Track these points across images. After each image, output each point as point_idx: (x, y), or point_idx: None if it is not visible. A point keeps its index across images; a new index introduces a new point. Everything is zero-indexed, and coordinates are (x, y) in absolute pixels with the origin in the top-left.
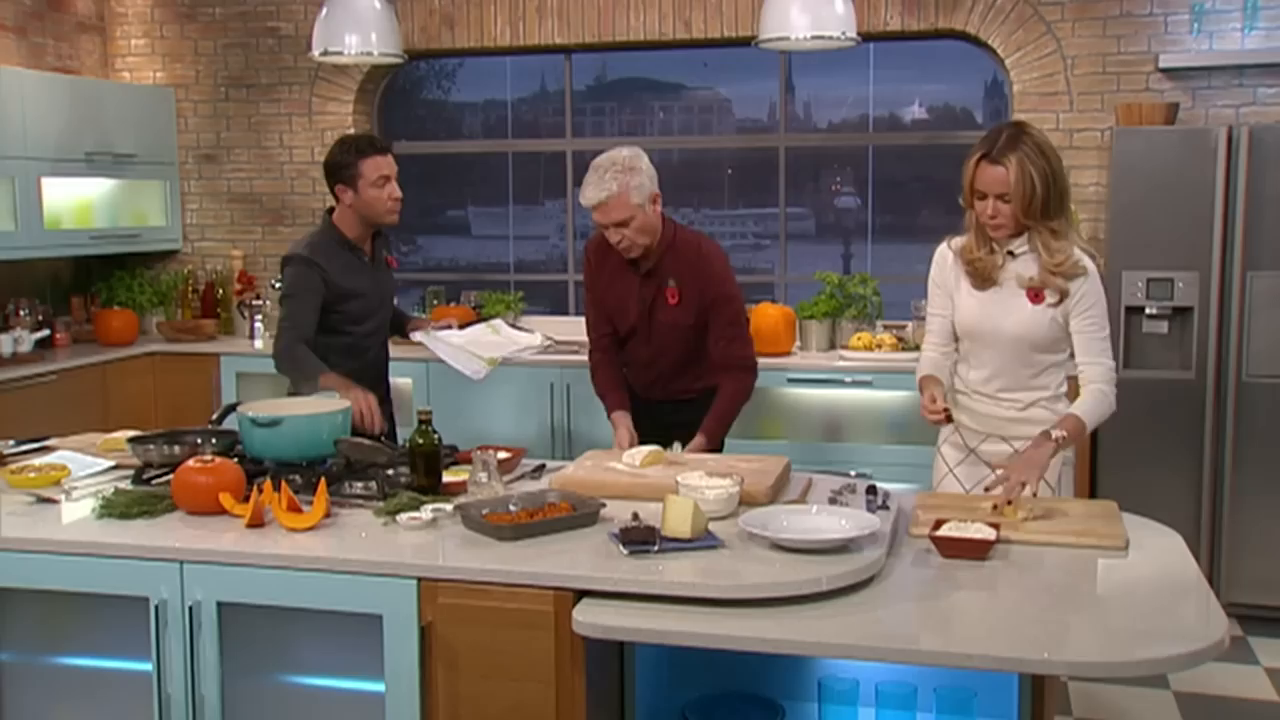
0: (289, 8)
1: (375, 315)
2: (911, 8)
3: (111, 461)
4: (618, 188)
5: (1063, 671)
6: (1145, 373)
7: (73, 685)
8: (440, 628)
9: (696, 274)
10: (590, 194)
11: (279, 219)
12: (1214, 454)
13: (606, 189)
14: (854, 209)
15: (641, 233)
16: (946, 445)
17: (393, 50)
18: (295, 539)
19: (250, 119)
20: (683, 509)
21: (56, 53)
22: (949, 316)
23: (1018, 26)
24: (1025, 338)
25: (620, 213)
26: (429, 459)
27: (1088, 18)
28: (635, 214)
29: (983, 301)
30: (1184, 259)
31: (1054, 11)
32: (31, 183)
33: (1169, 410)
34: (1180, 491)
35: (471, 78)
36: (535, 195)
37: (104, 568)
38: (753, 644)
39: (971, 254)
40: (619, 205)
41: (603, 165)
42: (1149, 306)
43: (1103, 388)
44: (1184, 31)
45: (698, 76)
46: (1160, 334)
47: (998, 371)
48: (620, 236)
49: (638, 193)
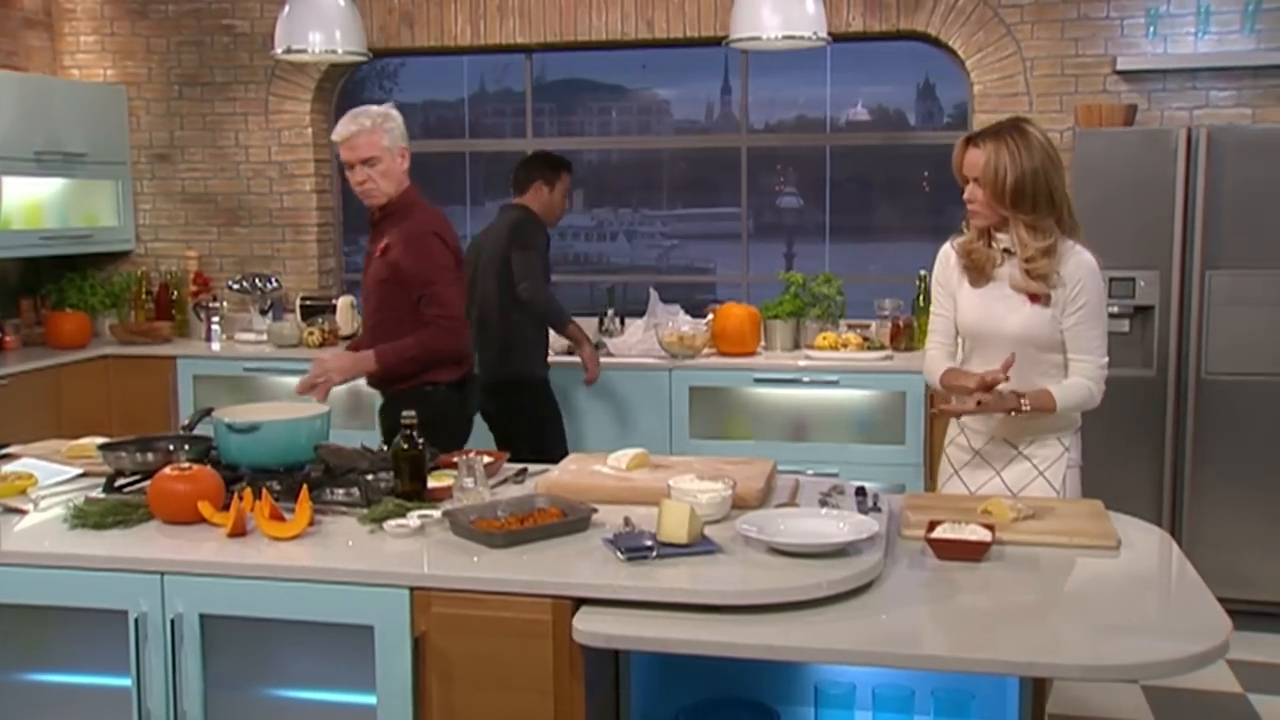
0: (244, 5)
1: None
2: (873, 9)
3: (79, 469)
4: (370, 124)
5: (1075, 676)
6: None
7: (48, 702)
8: (434, 638)
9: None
10: (343, 128)
11: (235, 219)
12: (1174, 450)
13: (359, 123)
14: (797, 208)
15: (385, 177)
16: (953, 446)
17: (357, 48)
18: (280, 548)
19: (205, 118)
20: (679, 514)
21: (3, 49)
22: (951, 316)
23: (978, 28)
24: (1026, 337)
25: (369, 149)
26: (414, 464)
27: (1046, 20)
28: (383, 155)
29: (984, 300)
30: (1144, 258)
31: (1014, 14)
32: None
33: (1131, 407)
34: (1142, 487)
35: (412, 78)
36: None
37: (80, 580)
38: (757, 651)
39: (970, 245)
40: (369, 142)
41: (362, 109)
42: (1110, 305)
43: (1086, 382)
44: (1140, 35)
45: (637, 78)
46: (1122, 332)
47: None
48: (365, 176)
49: (388, 136)
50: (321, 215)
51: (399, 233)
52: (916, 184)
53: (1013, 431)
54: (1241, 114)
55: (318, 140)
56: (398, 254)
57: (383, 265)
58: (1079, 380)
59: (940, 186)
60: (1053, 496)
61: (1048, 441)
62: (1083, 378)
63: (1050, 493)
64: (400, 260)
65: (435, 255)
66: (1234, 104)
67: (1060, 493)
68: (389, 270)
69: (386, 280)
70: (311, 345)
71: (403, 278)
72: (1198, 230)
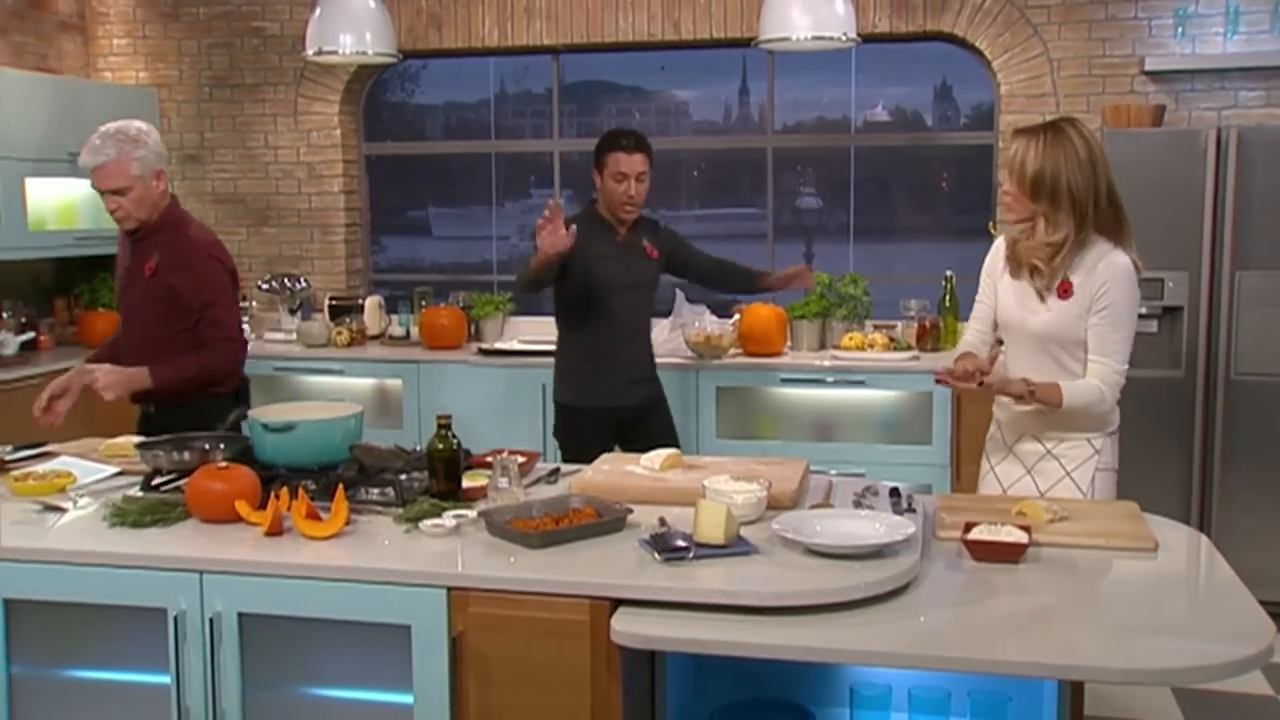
0: (274, 7)
1: (623, 291)
2: (900, 10)
3: (116, 467)
4: (116, 154)
5: (1119, 680)
6: (1135, 371)
7: (87, 699)
8: (472, 638)
9: (172, 256)
10: (86, 158)
11: (264, 220)
12: (1203, 451)
13: (105, 154)
14: (816, 209)
15: (138, 204)
16: (990, 441)
17: (387, 50)
18: (316, 547)
19: (234, 119)
20: (716, 515)
21: (37, 52)
22: (991, 304)
23: (1005, 29)
24: (1049, 334)
25: (118, 179)
26: (449, 464)
27: (1074, 20)
28: (134, 184)
29: (1017, 292)
30: (1173, 259)
31: (1040, 14)
32: (15, 184)
33: (1159, 408)
34: (1170, 488)
35: (435, 79)
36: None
37: (119, 578)
38: (795, 653)
39: (1015, 238)
40: (118, 172)
41: (108, 132)
42: (1139, 306)
43: (1098, 384)
44: (1168, 35)
45: (656, 80)
46: (1150, 333)
47: (1027, 368)
48: (116, 205)
49: (139, 164)
50: (349, 216)
51: (171, 253)
52: (937, 185)
53: (1039, 428)
54: (1271, 114)
55: (346, 141)
56: (174, 275)
57: (155, 284)
58: (1091, 381)
59: (961, 187)
60: (1079, 498)
61: (1077, 443)
62: (1096, 380)
63: (1076, 494)
64: (177, 282)
65: (212, 277)
66: (1263, 104)
67: (1087, 495)
68: (163, 290)
69: (160, 299)
70: (340, 345)
71: (179, 298)
72: (1227, 231)
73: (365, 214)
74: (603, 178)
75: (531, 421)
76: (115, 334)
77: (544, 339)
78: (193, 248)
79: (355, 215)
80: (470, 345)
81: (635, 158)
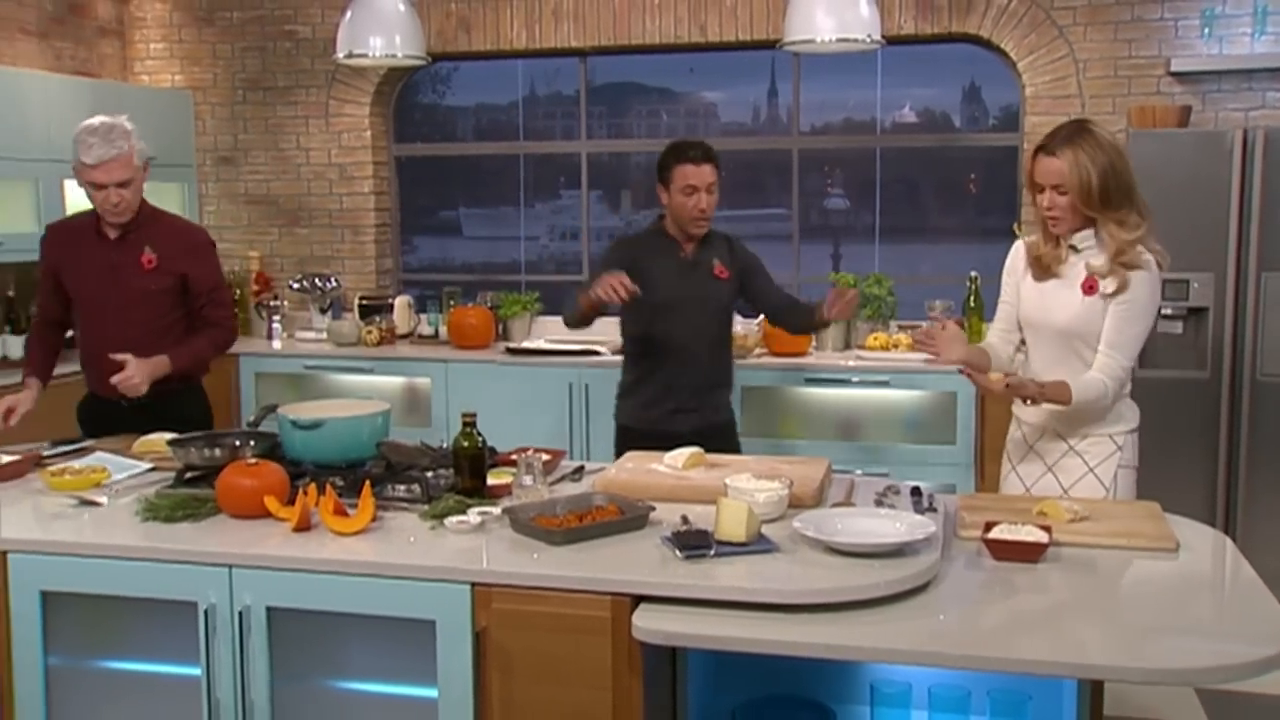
0: (306, 11)
1: (683, 313)
2: (925, 12)
3: (149, 464)
4: (127, 147)
5: (1134, 679)
6: (1160, 372)
7: (121, 689)
8: (495, 633)
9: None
10: (101, 151)
11: (295, 220)
12: (1228, 453)
13: (118, 147)
14: (843, 210)
15: (136, 194)
16: (1010, 442)
17: (416, 52)
18: (344, 543)
19: (267, 121)
20: (737, 513)
21: (76, 56)
22: (1014, 305)
23: (1030, 30)
24: (1073, 330)
25: (124, 172)
26: (474, 461)
27: (1099, 22)
28: (135, 175)
29: (1040, 291)
30: (1199, 260)
31: (1066, 16)
32: (55, 185)
33: (1184, 409)
34: (1195, 489)
35: (465, 81)
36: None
37: (152, 572)
38: (815, 650)
39: (1038, 249)
40: (126, 165)
41: (107, 126)
42: (1164, 307)
43: (1104, 379)
44: (1194, 36)
45: (685, 81)
46: (1175, 334)
47: (1051, 364)
48: (119, 198)
49: (139, 155)
50: (379, 216)
51: (173, 243)
52: (964, 186)
53: (1063, 425)
54: None
55: (376, 143)
56: (183, 264)
57: (160, 275)
58: (1094, 375)
59: (988, 189)
60: (1101, 494)
61: (1100, 439)
62: (1100, 373)
63: (1099, 490)
64: (189, 269)
65: (215, 261)
66: None
67: (1110, 491)
68: (171, 279)
69: (167, 289)
70: (370, 344)
71: (188, 285)
72: (1253, 232)
73: (395, 214)
74: (670, 192)
75: (558, 420)
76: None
77: (571, 339)
78: (195, 236)
79: (385, 216)
80: (498, 344)
81: (704, 169)
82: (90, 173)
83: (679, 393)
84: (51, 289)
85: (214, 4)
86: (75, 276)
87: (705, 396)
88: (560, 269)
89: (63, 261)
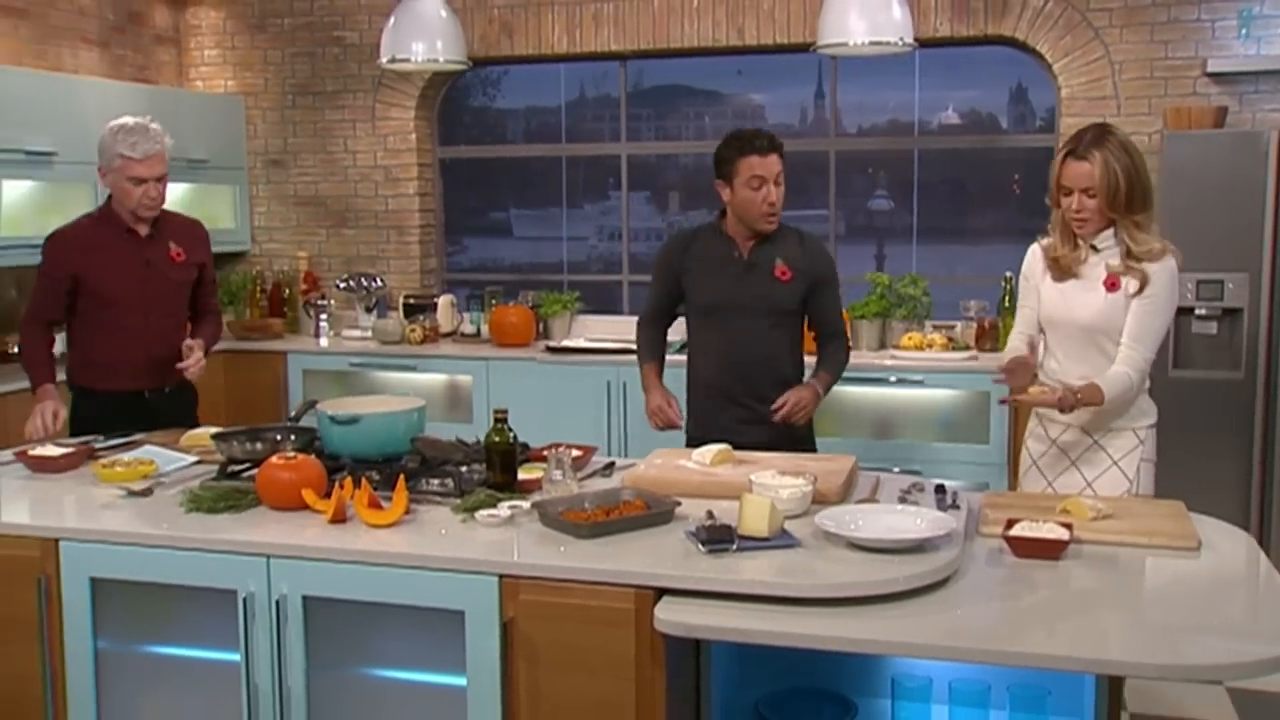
0: (354, 18)
1: (731, 318)
2: (961, 15)
3: (195, 457)
4: (167, 142)
5: (1151, 675)
6: (1195, 373)
7: (166, 673)
8: (521, 624)
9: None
10: (146, 146)
11: (343, 221)
12: (1263, 452)
13: (160, 143)
14: (887, 210)
15: (165, 191)
16: (1031, 439)
17: (458, 57)
18: (377, 535)
19: (316, 125)
20: (760, 508)
21: (136, 64)
22: (1034, 308)
23: (1066, 32)
24: (1097, 326)
25: (164, 167)
26: (505, 457)
27: (1135, 23)
28: (167, 170)
29: (1062, 291)
30: (1234, 261)
31: (1102, 18)
32: None
33: (1219, 409)
34: (1229, 490)
35: (515, 84)
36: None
37: (194, 561)
38: (834, 643)
39: (1056, 251)
40: (164, 160)
41: (144, 125)
42: (1199, 308)
43: (1128, 371)
44: (1231, 36)
45: (733, 83)
46: (1210, 334)
47: (1074, 361)
48: (158, 192)
49: (168, 151)
50: (424, 217)
51: (189, 236)
52: (1007, 187)
53: (1089, 422)
54: None
55: (420, 145)
56: (201, 255)
57: (186, 268)
58: (1120, 371)
59: (1031, 189)
60: (1126, 488)
61: (1123, 433)
62: (1124, 365)
63: (1124, 483)
64: (205, 260)
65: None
66: None
67: (1134, 484)
68: (193, 271)
69: (188, 281)
70: (413, 342)
71: (201, 275)
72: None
73: (439, 215)
74: (733, 187)
75: (596, 417)
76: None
77: (610, 337)
78: (200, 228)
79: (429, 216)
80: (538, 343)
81: (770, 159)
82: (135, 167)
83: (721, 400)
84: (61, 295)
85: (266, 11)
86: (107, 276)
87: (751, 408)
88: (607, 269)
89: (87, 265)
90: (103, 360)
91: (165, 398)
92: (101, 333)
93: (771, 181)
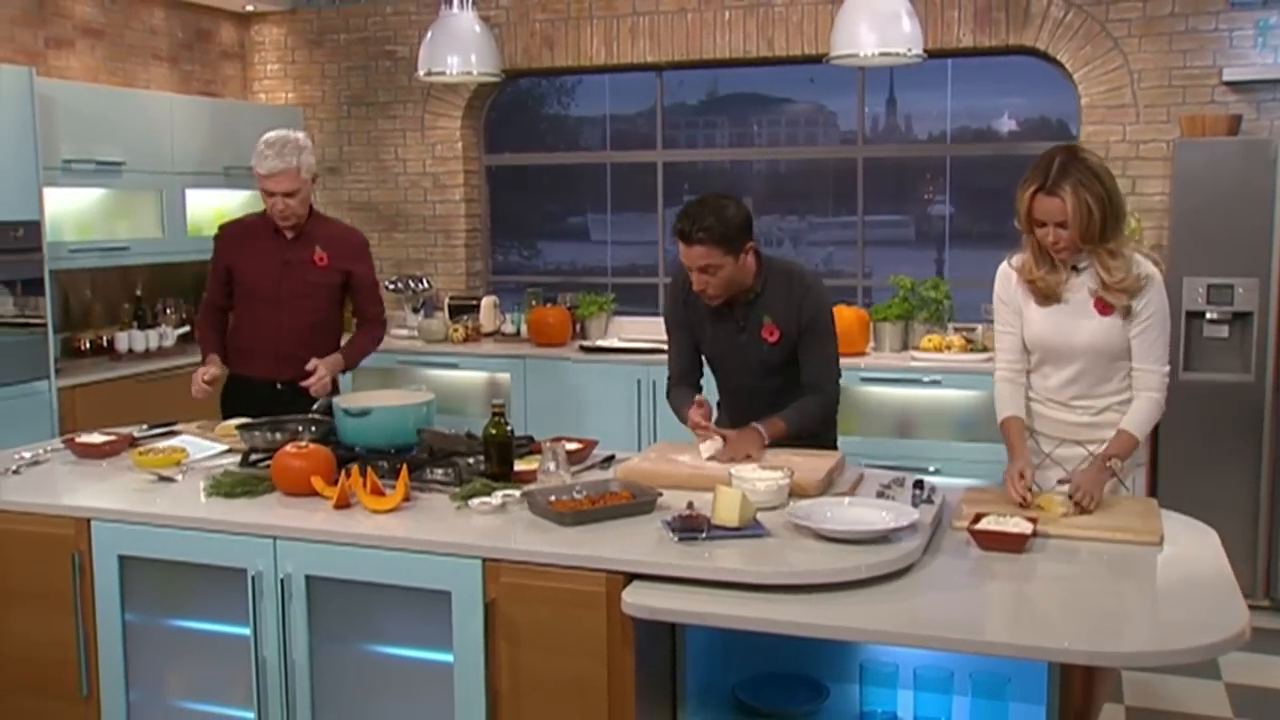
0: (405, 33)
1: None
2: (983, 26)
3: (225, 445)
4: (296, 162)
5: (1083, 661)
6: (1205, 376)
7: (187, 645)
8: (502, 605)
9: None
10: (272, 163)
11: (393, 225)
12: (1273, 455)
13: (287, 161)
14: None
15: (302, 204)
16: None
17: (491, 70)
18: (377, 520)
19: (369, 134)
20: (731, 499)
21: (203, 78)
22: (1018, 333)
23: (1085, 42)
24: (1098, 349)
25: (290, 184)
26: (501, 448)
27: (1154, 33)
28: (301, 187)
29: (1052, 317)
30: (1244, 265)
31: (1121, 28)
32: (177, 195)
33: (1228, 413)
34: (1239, 493)
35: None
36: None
37: (209, 541)
38: (793, 628)
39: (1031, 274)
40: (291, 178)
41: (282, 141)
42: (1209, 311)
43: (1155, 395)
44: (1248, 46)
45: (804, 91)
46: (1220, 338)
47: (1072, 380)
48: (285, 205)
49: (306, 170)
50: (469, 222)
51: (338, 244)
52: None
53: (1080, 434)
54: None
55: (467, 154)
56: (351, 263)
57: (330, 273)
58: (1147, 397)
59: None
60: (1121, 492)
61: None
62: (1147, 391)
63: (1118, 488)
64: (355, 269)
65: (371, 261)
66: None
67: (1129, 489)
68: (339, 276)
69: (334, 285)
70: (456, 340)
71: (350, 282)
72: None
73: (485, 220)
74: None
75: (628, 414)
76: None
77: (643, 337)
78: (356, 237)
79: (475, 221)
80: (574, 342)
81: (693, 250)
82: (262, 181)
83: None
84: (222, 280)
85: (324, 27)
86: (250, 269)
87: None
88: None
89: (237, 256)
90: (243, 346)
91: (296, 391)
92: (242, 320)
93: (695, 270)
